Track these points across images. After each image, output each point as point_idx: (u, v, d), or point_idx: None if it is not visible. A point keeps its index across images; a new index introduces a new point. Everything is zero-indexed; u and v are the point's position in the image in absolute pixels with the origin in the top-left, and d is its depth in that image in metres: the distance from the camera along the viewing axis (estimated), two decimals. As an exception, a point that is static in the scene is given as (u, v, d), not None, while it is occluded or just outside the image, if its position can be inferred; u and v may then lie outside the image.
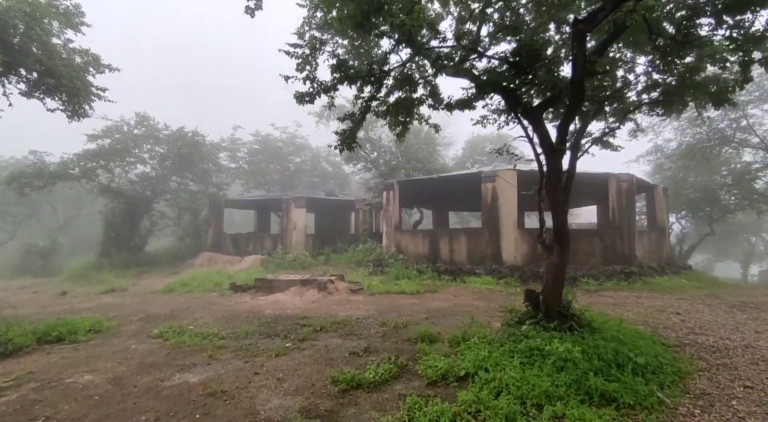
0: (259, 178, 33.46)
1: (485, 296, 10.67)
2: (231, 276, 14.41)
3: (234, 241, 22.07)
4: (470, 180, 15.66)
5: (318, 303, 9.67)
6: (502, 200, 13.90)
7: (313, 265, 18.48)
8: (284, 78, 6.22)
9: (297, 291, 10.86)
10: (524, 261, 13.73)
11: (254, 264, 18.72)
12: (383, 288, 11.36)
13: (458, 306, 9.22)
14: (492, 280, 12.77)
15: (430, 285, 12.42)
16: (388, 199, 17.33)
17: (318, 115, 23.54)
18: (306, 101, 6.30)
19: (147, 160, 22.45)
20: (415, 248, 16.11)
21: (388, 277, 13.91)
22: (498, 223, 13.88)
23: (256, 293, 11.34)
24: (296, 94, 6.22)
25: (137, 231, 24.86)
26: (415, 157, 21.38)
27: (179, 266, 20.49)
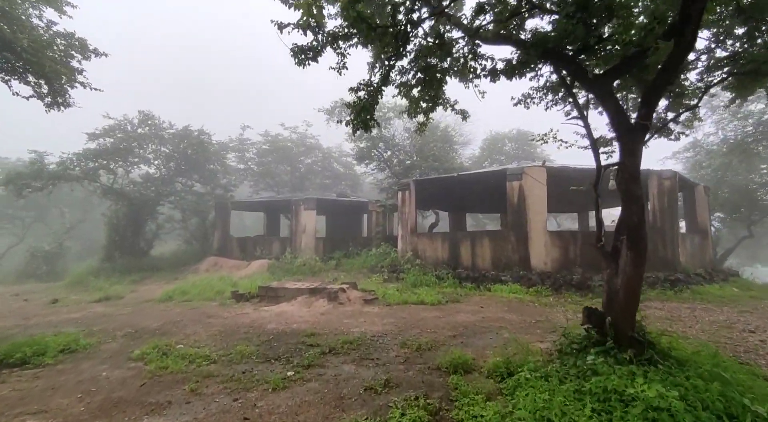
0: (269, 180, 32.67)
1: (516, 308, 9.47)
2: (234, 283, 13.45)
3: (241, 245, 21.19)
4: (494, 178, 14.47)
5: (328, 316, 8.59)
6: (530, 200, 12.68)
7: (324, 270, 17.45)
8: (277, 26, 4.86)
9: (304, 301, 9.81)
10: (555, 267, 12.48)
11: (261, 269, 17.78)
12: (400, 298, 10.24)
13: (488, 320, 8.05)
14: (520, 289, 11.56)
15: (452, 294, 11.26)
16: (403, 199, 16.23)
17: (328, 113, 22.59)
18: (307, 58, 5.08)
19: (151, 161, 21.74)
20: (434, 252, 14.96)
21: (405, 285, 12.78)
22: (526, 226, 12.66)
23: (260, 303, 10.33)
24: (294, 47, 5.04)
25: (142, 234, 24.18)
26: (431, 155, 20.25)
27: (184, 271, 19.69)
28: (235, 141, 30.08)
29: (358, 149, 23.39)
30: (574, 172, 12.91)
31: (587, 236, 12.94)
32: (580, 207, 23.37)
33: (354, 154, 23.66)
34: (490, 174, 14.44)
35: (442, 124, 23.54)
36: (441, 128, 23.28)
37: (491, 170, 14.83)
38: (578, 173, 13.01)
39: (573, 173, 13.10)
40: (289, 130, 32.29)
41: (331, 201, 21.49)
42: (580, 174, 13.02)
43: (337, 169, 35.08)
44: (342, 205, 23.01)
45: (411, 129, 23.94)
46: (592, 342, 4.56)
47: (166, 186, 22.58)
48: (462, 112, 7.08)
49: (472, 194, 19.34)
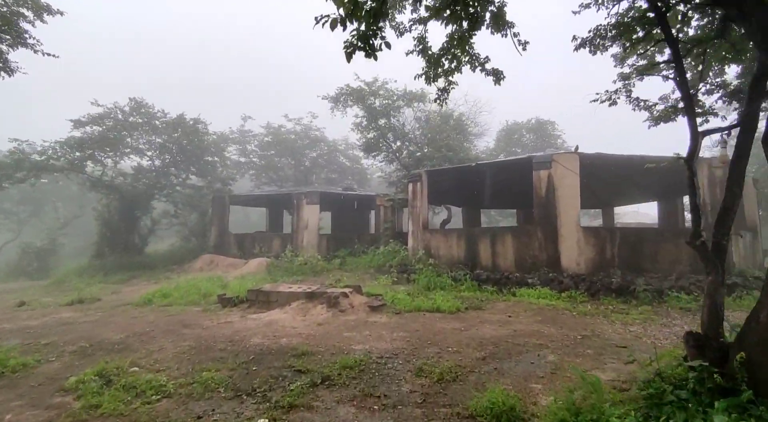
0: (271, 174, 31.45)
1: (551, 318, 8.00)
2: (225, 284, 12.15)
3: (239, 242, 19.92)
4: (517, 168, 12.98)
5: (326, 327, 7.21)
6: (560, 192, 11.17)
7: (327, 270, 16.10)
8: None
9: (300, 307, 8.44)
10: (589, 269, 10.97)
11: (259, 268, 16.47)
12: (412, 304, 8.83)
13: (521, 334, 6.60)
14: (551, 293, 10.08)
15: (472, 300, 9.82)
16: (414, 191, 14.79)
17: (333, 100, 21.18)
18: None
19: (144, 152, 20.53)
20: (448, 251, 13.50)
21: (417, 288, 11.37)
22: (555, 221, 11.16)
23: (249, 309, 8.98)
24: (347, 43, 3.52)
25: (137, 230, 23.04)
26: (444, 144, 18.76)
27: (177, 270, 18.47)
28: (235, 133, 28.86)
29: (365, 140, 21.97)
30: (611, 159, 11.36)
31: (627, 233, 11.40)
32: (603, 202, 21.74)
33: (361, 144, 22.23)
34: (513, 163, 12.94)
35: (455, 112, 22.04)
36: (455, 117, 21.78)
37: (514, 159, 13.31)
38: (616, 161, 11.46)
39: (610, 161, 11.55)
40: (292, 122, 31.00)
41: (335, 195, 20.13)
42: (618, 162, 11.48)
43: (343, 162, 33.74)
44: (347, 200, 21.64)
45: (422, 118, 22.47)
46: (709, 389, 3.08)
47: (161, 179, 21.39)
48: (495, 73, 5.62)
49: (489, 187, 17.82)
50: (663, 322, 7.62)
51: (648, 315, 8.24)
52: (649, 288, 9.82)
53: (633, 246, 11.17)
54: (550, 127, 28.42)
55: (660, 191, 17.62)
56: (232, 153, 30.71)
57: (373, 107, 21.30)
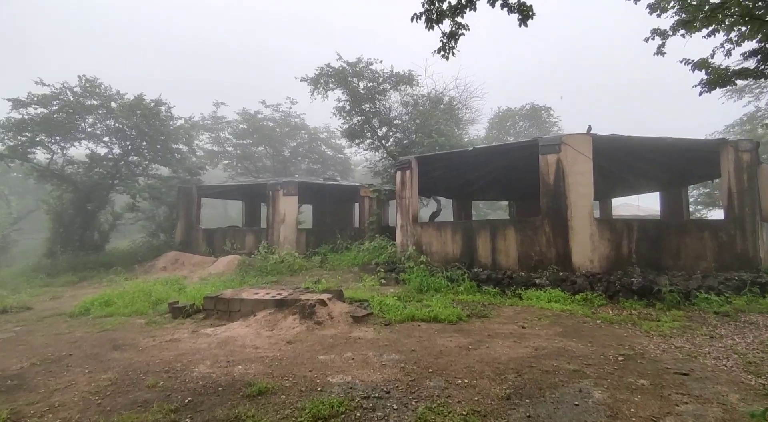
0: (248, 164, 29.63)
1: (572, 327, 6.70)
2: (183, 287, 10.52)
3: (208, 238, 18.20)
4: (520, 152, 11.64)
5: (297, 347, 5.74)
6: (571, 178, 9.87)
7: (305, 269, 14.59)
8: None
9: (267, 319, 6.94)
10: (604, 266, 9.73)
11: (229, 267, 14.85)
12: (404, 312, 7.41)
13: (546, 355, 5.25)
14: (563, 295, 8.79)
15: (474, 305, 8.47)
16: (403, 180, 13.34)
17: (313, 82, 19.48)
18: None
19: (100, 138, 18.51)
20: (442, 247, 12.13)
21: (408, 290, 9.98)
22: (565, 212, 9.87)
23: (205, 320, 7.44)
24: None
25: (94, 226, 21.07)
26: (436, 129, 17.32)
27: (138, 269, 16.69)
28: (207, 119, 26.86)
29: (348, 125, 20.36)
30: (629, 142, 10.09)
31: (646, 226, 10.19)
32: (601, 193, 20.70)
33: (343, 130, 20.62)
34: (516, 147, 11.59)
35: (446, 97, 20.61)
36: (445, 101, 20.34)
37: (518, 142, 11.92)
38: (635, 144, 10.22)
39: (628, 144, 10.29)
40: (270, 108, 29.14)
41: (315, 185, 18.54)
42: (638, 144, 10.24)
43: (325, 152, 32.02)
44: (329, 191, 20.08)
45: (410, 103, 20.97)
46: None
47: (123, 168, 19.43)
48: (521, 9, 4.16)
49: (485, 176, 16.52)
50: (706, 333, 6.37)
51: (683, 323, 7.02)
52: (675, 289, 8.63)
53: (652, 240, 9.97)
54: (545, 113, 27.23)
55: (665, 180, 16.61)
56: (204, 142, 28.76)
57: (356, 90, 19.71)
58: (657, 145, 10.18)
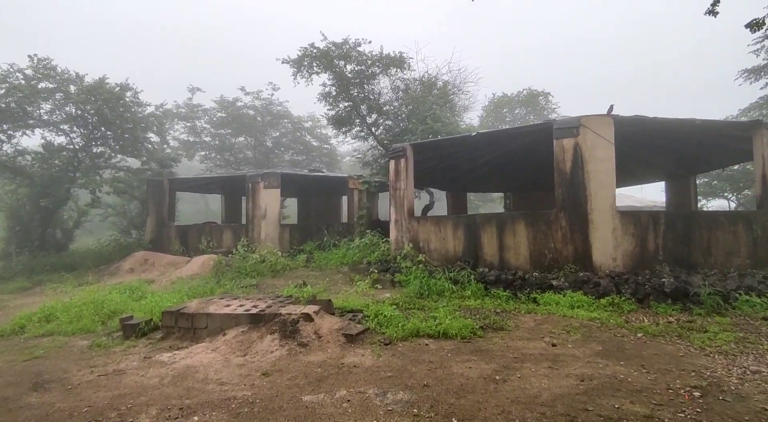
0: (227, 155, 27.98)
1: (611, 343, 5.60)
2: (144, 296, 9.13)
3: (182, 236, 16.72)
4: (530, 136, 10.47)
5: (274, 382, 4.49)
6: (591, 166, 8.75)
7: (289, 269, 13.29)
8: None
9: (240, 340, 5.66)
10: (628, 265, 8.67)
11: (204, 268, 13.44)
12: (407, 326, 6.21)
13: (598, 388, 4.11)
14: (586, 300, 7.70)
15: (485, 313, 7.34)
16: (397, 170, 12.09)
17: (296, 64, 17.98)
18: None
19: (59, 126, 16.77)
20: (442, 244, 10.96)
21: (406, 294, 8.78)
22: (585, 204, 8.75)
23: (163, 341, 6.12)
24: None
25: (57, 223, 19.40)
26: (431, 114, 16.05)
27: (104, 271, 15.17)
28: (182, 107, 25.10)
29: (334, 112, 18.95)
30: (654, 124, 9.00)
31: (673, 219, 9.15)
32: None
33: (329, 117, 19.22)
34: (526, 131, 10.40)
35: (439, 81, 19.32)
36: (438, 86, 19.07)
37: (528, 126, 10.74)
38: (661, 126, 9.13)
39: (652, 126, 9.20)
40: (250, 96, 27.45)
41: (300, 177, 17.18)
42: (664, 127, 9.15)
43: (310, 142, 30.49)
44: (314, 183, 18.74)
45: (401, 88, 19.65)
46: None
47: (85, 160, 17.73)
48: None
49: (482, 166, 15.36)
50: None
51: (734, 333, 5.97)
52: (710, 290, 7.61)
53: (680, 235, 8.95)
54: (543, 99, 26.13)
55: (672, 169, 15.69)
56: (179, 131, 27.00)
57: (343, 74, 18.30)
58: (685, 127, 9.11)
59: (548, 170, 16.54)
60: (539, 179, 17.57)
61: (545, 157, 14.11)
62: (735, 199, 25.12)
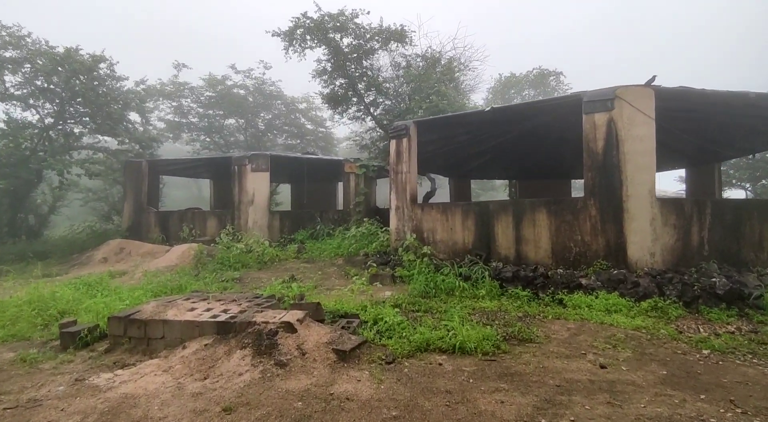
0: (217, 138, 26.54)
1: (674, 364, 4.45)
2: (104, 292, 7.88)
3: (162, 222, 15.42)
4: (551, 113, 9.19)
5: (237, 418, 3.30)
6: (627, 146, 7.51)
7: (279, 260, 12.10)
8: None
9: (201, 356, 4.46)
10: (668, 261, 7.50)
11: (184, 258, 12.20)
12: (414, 338, 5.02)
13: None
14: (624, 302, 6.54)
15: (504, 317, 6.18)
16: (398, 151, 10.81)
17: (287, 37, 16.50)
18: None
19: (28, 100, 15.30)
20: (449, 234, 9.74)
21: (410, 293, 7.59)
22: (619, 190, 7.54)
23: (108, 355, 4.91)
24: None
25: (29, 208, 18.09)
26: (434, 91, 14.70)
27: (74, 261, 13.92)
28: (168, 84, 23.55)
29: (329, 90, 17.53)
30: (701, 97, 7.73)
31: (721, 208, 7.96)
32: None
33: (324, 95, 17.80)
34: (548, 105, 9.10)
35: (443, 58, 17.88)
36: (443, 63, 17.66)
37: (550, 99, 9.39)
38: (709, 99, 7.86)
39: (700, 99, 7.93)
40: (241, 74, 25.89)
41: (291, 160, 15.87)
42: (712, 100, 7.89)
43: (304, 125, 29.03)
44: (308, 167, 17.41)
45: (402, 64, 18.22)
46: None
47: (59, 139, 16.32)
48: None
49: (490, 150, 14.07)
50: None
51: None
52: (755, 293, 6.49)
53: (728, 227, 7.78)
54: (554, 79, 24.67)
55: (696, 155, 14.47)
56: (165, 111, 25.49)
57: (339, 48, 16.86)
58: (737, 100, 7.85)
59: (562, 155, 15.40)
60: (551, 166, 16.34)
61: (561, 139, 12.89)
62: (752, 189, 24.08)
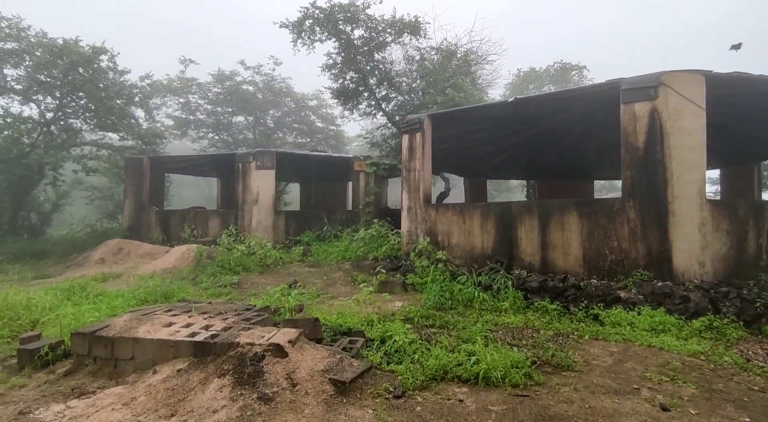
0: (225, 136, 26.05)
1: (755, 405, 3.57)
2: (89, 297, 7.22)
3: (163, 222, 14.85)
4: (582, 103, 8.30)
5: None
6: (674, 139, 6.60)
7: (282, 264, 11.42)
8: None
9: (169, 388, 3.72)
10: (720, 272, 6.57)
11: (183, 260, 11.59)
12: (428, 363, 4.21)
13: None
14: (673, 321, 5.64)
15: (532, 335, 5.34)
16: (411, 147, 10.02)
17: (295, 29, 15.84)
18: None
19: (27, 94, 14.87)
20: (466, 238, 8.92)
21: (423, 304, 6.78)
22: (664, 190, 6.63)
23: (68, 378, 4.21)
24: None
25: (32, 205, 17.74)
26: (451, 84, 13.87)
27: (71, 261, 13.43)
28: (175, 80, 23.10)
29: (339, 84, 16.82)
30: (763, 85, 6.78)
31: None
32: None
33: (333, 90, 17.09)
34: (579, 95, 8.20)
35: (460, 50, 17.03)
36: (459, 56, 16.81)
37: (583, 88, 8.47)
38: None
39: (760, 88, 6.98)
40: (250, 70, 25.35)
41: (297, 157, 15.18)
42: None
43: (314, 123, 28.38)
44: (316, 165, 16.71)
45: (415, 58, 17.43)
46: None
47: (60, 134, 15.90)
48: None
49: (509, 148, 13.17)
50: None
51: None
52: None
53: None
54: (577, 74, 23.49)
55: (732, 154, 13.39)
56: (172, 108, 25.10)
57: (350, 40, 16.14)
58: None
59: (586, 153, 14.41)
60: (573, 165, 15.37)
61: (586, 135, 11.93)
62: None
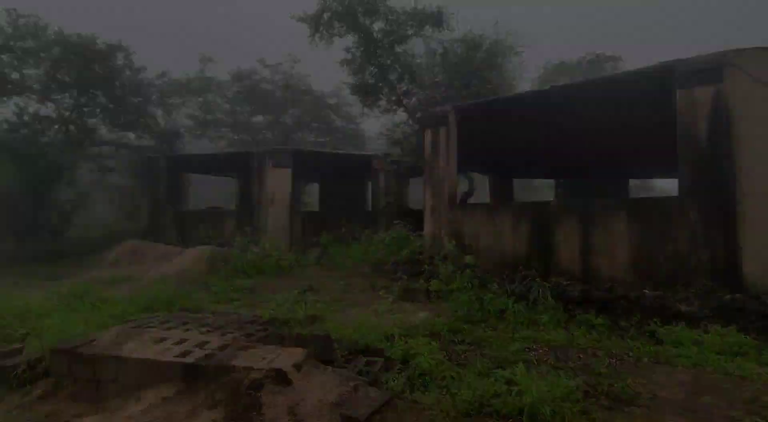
0: (244, 136, 25.87)
1: None
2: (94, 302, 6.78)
3: (179, 223, 14.56)
4: (622, 92, 7.42)
5: None
6: (744, 129, 5.71)
7: (299, 267, 10.92)
8: None
9: (154, 418, 3.12)
10: (799, 282, 5.62)
11: (196, 263, 11.17)
12: (462, 395, 3.50)
13: None
14: (748, 341, 4.81)
15: (579, 357, 4.58)
16: (435, 142, 9.33)
17: (313, 23, 15.33)
18: None
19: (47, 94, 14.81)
20: (496, 241, 8.15)
21: (450, 315, 6.08)
22: (731, 187, 5.74)
23: (42, 402, 3.68)
24: None
25: (53, 206, 17.77)
26: (477, 76, 13.10)
27: (86, 263, 13.28)
28: (194, 79, 22.99)
29: (359, 80, 16.23)
30: None
31: None
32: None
33: (351, 86, 16.51)
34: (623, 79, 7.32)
35: (486, 42, 16.18)
36: (485, 48, 15.98)
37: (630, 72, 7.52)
38: None
39: None
40: (269, 69, 25.09)
41: (315, 155, 14.69)
42: None
43: (334, 121, 27.94)
44: (335, 164, 16.17)
45: (438, 51, 16.67)
46: None
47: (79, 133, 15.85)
48: None
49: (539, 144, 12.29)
50: None
51: None
52: None
53: None
54: (611, 65, 22.10)
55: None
56: (191, 108, 25.04)
57: (369, 33, 15.52)
58: None
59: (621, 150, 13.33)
60: (607, 163, 14.37)
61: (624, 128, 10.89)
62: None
